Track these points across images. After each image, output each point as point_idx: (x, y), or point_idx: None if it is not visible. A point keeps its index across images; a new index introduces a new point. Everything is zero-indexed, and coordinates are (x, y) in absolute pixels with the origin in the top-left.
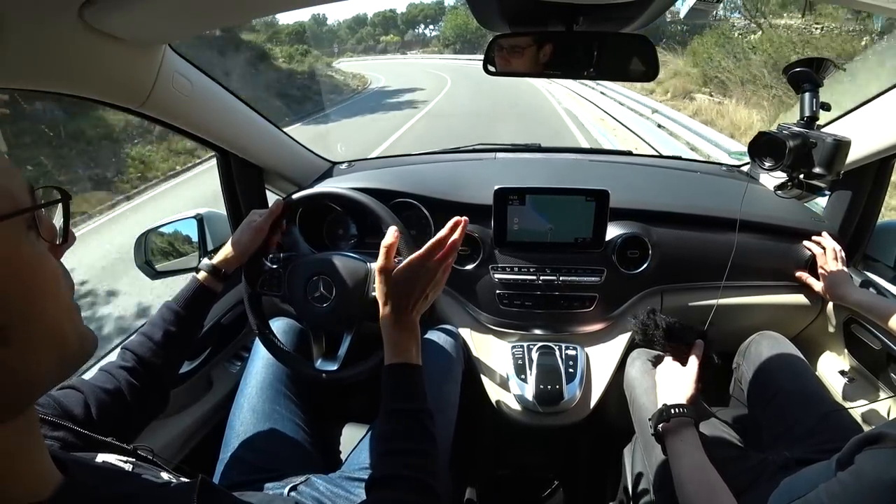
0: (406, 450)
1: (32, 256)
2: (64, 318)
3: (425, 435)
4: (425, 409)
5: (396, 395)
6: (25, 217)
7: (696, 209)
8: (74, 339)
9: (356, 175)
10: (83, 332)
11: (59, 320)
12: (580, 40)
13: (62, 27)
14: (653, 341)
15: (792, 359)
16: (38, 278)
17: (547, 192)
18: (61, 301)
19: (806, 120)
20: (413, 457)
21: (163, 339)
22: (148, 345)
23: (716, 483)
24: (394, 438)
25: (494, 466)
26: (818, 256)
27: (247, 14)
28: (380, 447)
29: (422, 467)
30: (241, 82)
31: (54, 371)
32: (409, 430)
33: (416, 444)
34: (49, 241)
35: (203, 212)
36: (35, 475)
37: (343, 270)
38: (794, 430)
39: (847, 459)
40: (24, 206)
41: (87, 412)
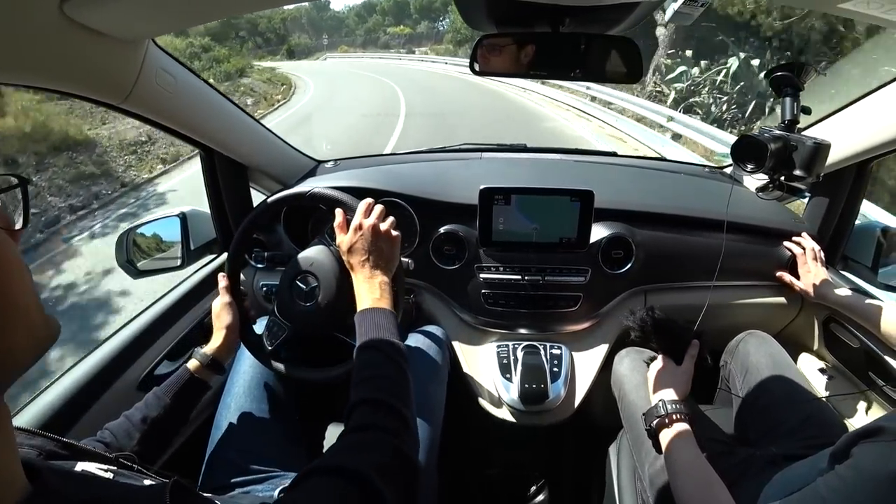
0: (368, 377)
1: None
2: (30, 302)
3: (388, 362)
4: (388, 341)
5: (359, 336)
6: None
7: (680, 210)
8: (40, 321)
9: (341, 174)
10: (46, 315)
11: (25, 303)
12: (566, 41)
13: (43, 21)
14: (649, 339)
15: (778, 358)
16: (3, 262)
17: (532, 192)
18: (25, 285)
19: (787, 123)
20: (376, 381)
21: (143, 426)
22: (127, 428)
23: (711, 477)
24: (358, 371)
25: (481, 465)
26: (798, 256)
27: (230, 9)
28: (351, 388)
29: (383, 390)
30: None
31: (26, 353)
32: (372, 360)
33: (378, 370)
34: (6, 228)
35: (186, 210)
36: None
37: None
38: (780, 427)
39: (842, 453)
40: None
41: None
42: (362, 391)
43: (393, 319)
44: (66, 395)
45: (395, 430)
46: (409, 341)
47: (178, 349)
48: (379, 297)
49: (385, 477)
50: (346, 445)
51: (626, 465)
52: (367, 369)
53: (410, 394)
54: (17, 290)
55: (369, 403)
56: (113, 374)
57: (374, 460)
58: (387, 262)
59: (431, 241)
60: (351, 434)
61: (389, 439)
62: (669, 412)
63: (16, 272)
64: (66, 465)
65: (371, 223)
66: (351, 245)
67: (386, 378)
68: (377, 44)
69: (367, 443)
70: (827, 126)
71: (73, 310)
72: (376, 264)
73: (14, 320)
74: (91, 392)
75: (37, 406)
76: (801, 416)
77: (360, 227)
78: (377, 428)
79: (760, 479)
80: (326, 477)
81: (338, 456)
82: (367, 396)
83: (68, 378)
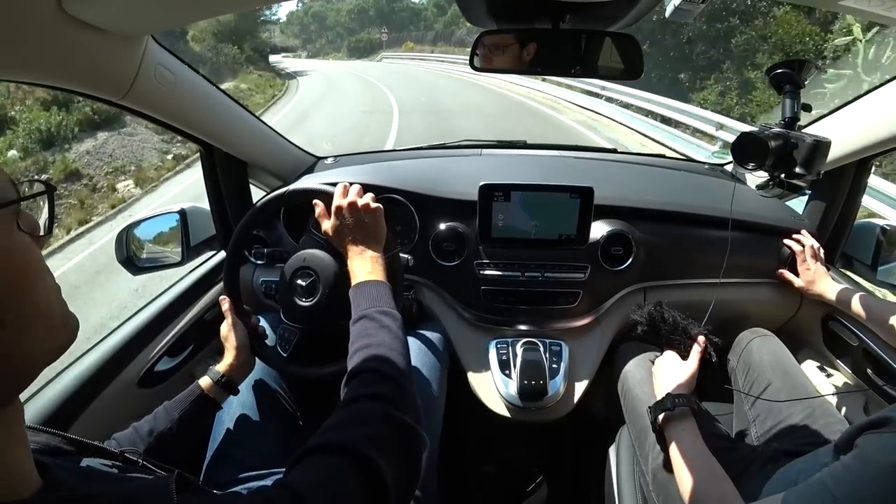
0: (360, 347)
1: (22, 245)
2: (52, 302)
3: (381, 329)
4: (380, 309)
5: (355, 308)
6: (14, 208)
7: (680, 207)
8: (60, 321)
9: (340, 170)
10: (67, 313)
11: (48, 303)
12: (566, 38)
13: (42, 17)
14: (658, 333)
15: (781, 355)
16: (28, 265)
17: (532, 189)
18: (48, 287)
19: (787, 121)
20: (368, 350)
21: (149, 439)
22: (134, 440)
23: (717, 471)
24: (350, 345)
25: (480, 462)
26: (798, 254)
27: (229, 5)
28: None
29: (375, 359)
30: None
31: (44, 353)
32: (364, 330)
33: (369, 339)
34: (30, 233)
35: (186, 206)
36: (16, 474)
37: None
38: (782, 425)
39: (846, 444)
40: (10, 198)
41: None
42: (354, 363)
43: (386, 289)
44: (67, 391)
45: (388, 397)
46: (409, 339)
47: (177, 345)
48: (370, 269)
49: (380, 448)
50: (338, 420)
51: (626, 460)
52: (360, 339)
53: (406, 358)
54: (39, 294)
55: (361, 374)
56: (114, 370)
57: (368, 432)
58: (374, 235)
59: (431, 237)
60: (342, 408)
61: (382, 408)
62: (676, 406)
63: (39, 276)
64: (71, 460)
65: (349, 202)
66: (335, 228)
67: (378, 346)
68: (450, 40)
69: (360, 414)
70: (827, 123)
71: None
72: (364, 240)
73: (35, 323)
74: (92, 388)
75: (39, 402)
76: (803, 413)
77: (340, 209)
78: (368, 398)
79: (762, 474)
80: (321, 455)
81: (330, 432)
82: (359, 367)
83: (70, 374)
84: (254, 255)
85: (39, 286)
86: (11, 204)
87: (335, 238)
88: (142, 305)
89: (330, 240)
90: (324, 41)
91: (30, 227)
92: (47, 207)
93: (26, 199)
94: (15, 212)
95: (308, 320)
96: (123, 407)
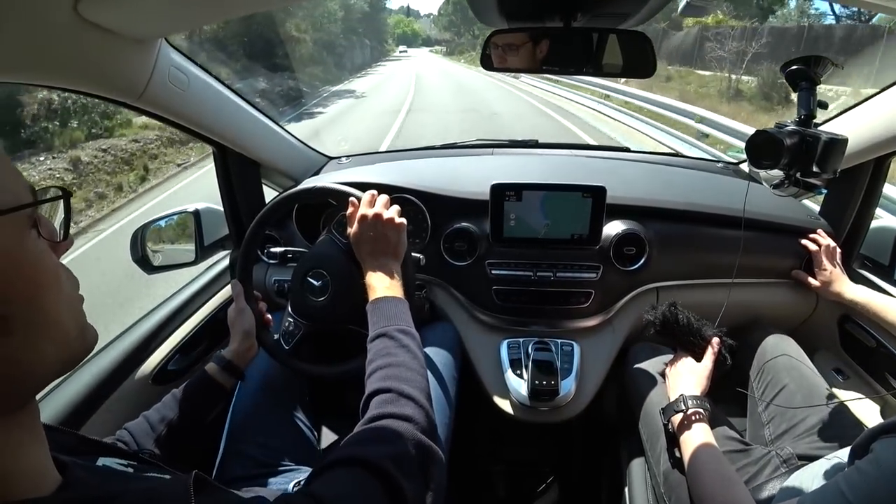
0: (382, 366)
1: (34, 252)
2: (64, 311)
3: (401, 349)
4: (400, 328)
5: (372, 326)
6: (27, 214)
7: (694, 206)
8: (75, 332)
9: (352, 170)
10: (84, 325)
11: (59, 312)
12: (578, 36)
13: (57, 21)
14: (671, 334)
15: (796, 358)
16: (39, 272)
17: (544, 188)
18: (62, 294)
19: (803, 118)
20: (390, 370)
21: (161, 427)
22: (145, 429)
23: (731, 474)
24: (370, 363)
25: (491, 462)
26: (814, 254)
27: (243, 7)
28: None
29: (397, 378)
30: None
31: (56, 362)
32: (384, 348)
33: (391, 358)
34: (48, 240)
35: (200, 207)
36: (36, 472)
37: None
38: (797, 428)
39: (862, 448)
40: (23, 202)
41: None
42: (377, 381)
43: (404, 307)
44: (84, 388)
45: (412, 418)
46: (421, 338)
47: (191, 344)
48: (389, 285)
49: (404, 467)
50: (364, 436)
51: (638, 461)
52: (381, 358)
53: (426, 380)
54: (50, 302)
55: (385, 393)
56: (129, 368)
57: (393, 451)
58: (394, 249)
59: (442, 237)
60: (368, 424)
61: (408, 428)
62: (690, 407)
63: (52, 284)
64: (88, 459)
65: (375, 213)
66: (357, 236)
67: (400, 366)
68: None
69: (385, 433)
70: (844, 121)
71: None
72: (384, 253)
73: (45, 332)
74: (108, 386)
75: (56, 399)
76: (818, 416)
77: (365, 218)
78: (395, 417)
79: (776, 478)
80: (346, 468)
81: (356, 447)
82: (383, 386)
83: (86, 371)
84: (266, 254)
85: (51, 294)
86: (22, 209)
87: (356, 246)
88: (155, 305)
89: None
90: (470, 37)
91: (48, 234)
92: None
93: (37, 203)
94: (30, 217)
95: (315, 318)
96: (138, 404)
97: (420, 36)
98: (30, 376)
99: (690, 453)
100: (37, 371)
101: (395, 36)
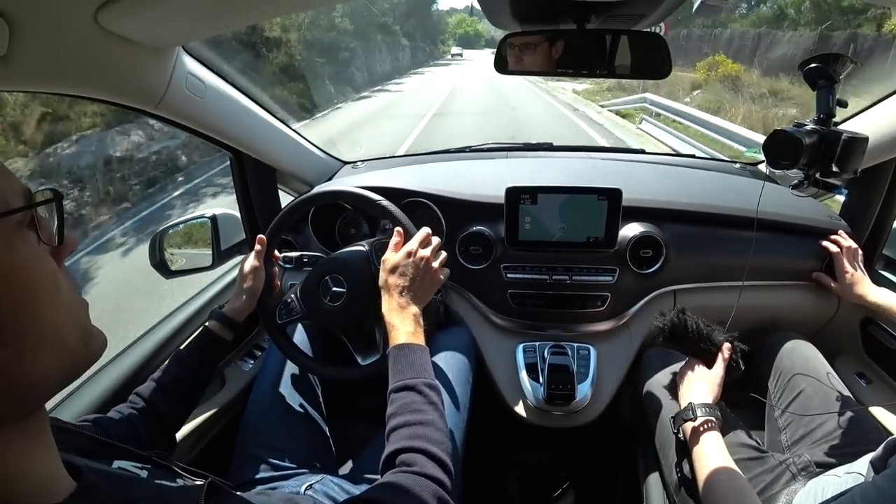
0: (411, 422)
1: (27, 258)
2: (63, 320)
3: (429, 406)
4: (427, 382)
5: (396, 373)
6: (20, 219)
7: (711, 208)
8: (76, 340)
9: (368, 174)
10: (88, 332)
11: (57, 322)
12: (592, 38)
13: (77, 30)
14: (680, 341)
15: (814, 361)
16: (32, 279)
17: (559, 192)
18: (59, 302)
19: (822, 117)
20: (419, 428)
21: (171, 386)
22: (156, 390)
23: (742, 486)
24: (395, 415)
25: (506, 466)
26: (835, 256)
27: (260, 14)
28: (387, 429)
29: (425, 438)
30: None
31: (55, 372)
32: (412, 403)
33: (417, 415)
34: (48, 244)
35: (217, 212)
36: (46, 479)
37: (347, 261)
38: (814, 434)
39: (881, 461)
40: (14, 207)
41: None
42: (406, 439)
43: (428, 357)
44: (103, 391)
45: (440, 480)
46: (436, 341)
47: None
48: (413, 331)
49: None
50: (393, 485)
51: (654, 468)
52: (409, 414)
53: (449, 440)
54: (47, 310)
55: (413, 452)
56: (147, 371)
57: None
58: (424, 296)
59: (458, 240)
60: (397, 475)
61: (436, 489)
62: (699, 416)
63: (48, 291)
64: (103, 462)
65: (424, 255)
66: (397, 266)
67: (428, 425)
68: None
69: (414, 488)
70: (864, 119)
71: None
72: (414, 295)
73: (42, 342)
74: (127, 389)
75: (77, 402)
76: (837, 422)
77: (410, 255)
78: (423, 475)
79: (792, 486)
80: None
81: (385, 493)
82: (411, 445)
83: (105, 375)
84: (283, 259)
85: (47, 302)
86: (10, 214)
87: (389, 274)
88: (175, 308)
89: (382, 270)
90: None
91: (48, 238)
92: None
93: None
94: (21, 222)
95: (317, 315)
96: None
97: (483, 37)
98: (27, 388)
99: (701, 464)
100: (35, 382)
101: (456, 36)
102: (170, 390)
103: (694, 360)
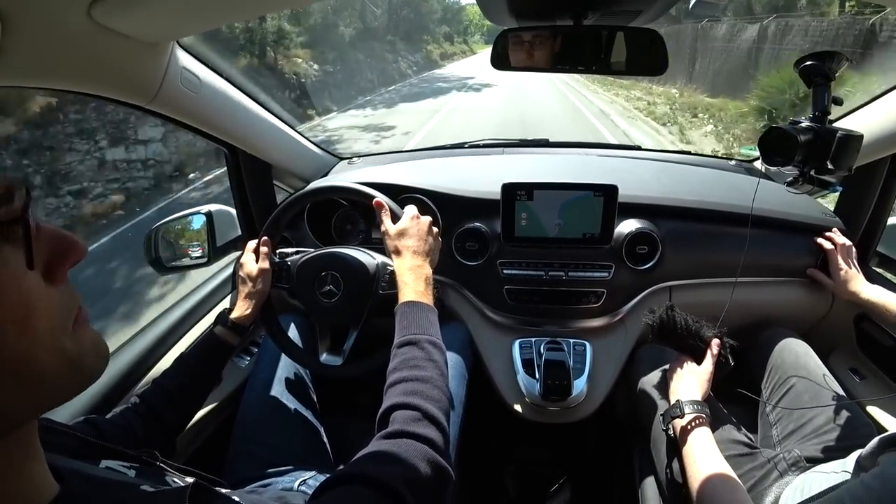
0: (408, 378)
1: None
2: (37, 351)
3: (429, 363)
4: (430, 339)
5: (402, 329)
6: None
7: (706, 204)
8: (58, 369)
9: (364, 170)
10: (78, 359)
11: (29, 353)
12: (589, 34)
13: (71, 25)
14: (669, 337)
15: (805, 357)
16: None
17: (555, 188)
18: (33, 333)
19: (817, 114)
20: (415, 384)
21: (173, 390)
22: (158, 393)
23: (731, 481)
24: (394, 371)
25: (503, 462)
26: (829, 253)
27: (256, 10)
28: (385, 384)
29: (421, 394)
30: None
31: (25, 405)
32: (412, 358)
33: (416, 370)
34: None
35: (213, 208)
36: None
37: (352, 266)
38: (805, 429)
39: (869, 460)
40: None
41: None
42: (401, 394)
43: (435, 317)
44: (97, 390)
45: (431, 440)
46: None
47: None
48: (423, 290)
49: (417, 490)
50: (378, 453)
51: (649, 463)
52: (408, 370)
53: (449, 396)
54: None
55: (409, 410)
56: (141, 371)
57: (408, 472)
58: (433, 258)
59: (454, 236)
60: (384, 440)
61: (425, 450)
62: (687, 413)
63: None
64: (89, 463)
65: (428, 220)
66: (405, 230)
67: (426, 382)
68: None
69: (401, 453)
70: (859, 117)
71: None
72: (426, 255)
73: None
74: (121, 388)
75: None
76: (828, 417)
77: (417, 219)
78: (413, 436)
79: (783, 481)
80: (357, 486)
81: (370, 464)
82: (407, 402)
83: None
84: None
85: (12, 333)
86: None
87: (398, 238)
88: (170, 305)
89: (388, 238)
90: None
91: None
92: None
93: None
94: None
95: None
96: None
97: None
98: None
99: (690, 461)
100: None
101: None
102: (173, 396)
103: (683, 356)
